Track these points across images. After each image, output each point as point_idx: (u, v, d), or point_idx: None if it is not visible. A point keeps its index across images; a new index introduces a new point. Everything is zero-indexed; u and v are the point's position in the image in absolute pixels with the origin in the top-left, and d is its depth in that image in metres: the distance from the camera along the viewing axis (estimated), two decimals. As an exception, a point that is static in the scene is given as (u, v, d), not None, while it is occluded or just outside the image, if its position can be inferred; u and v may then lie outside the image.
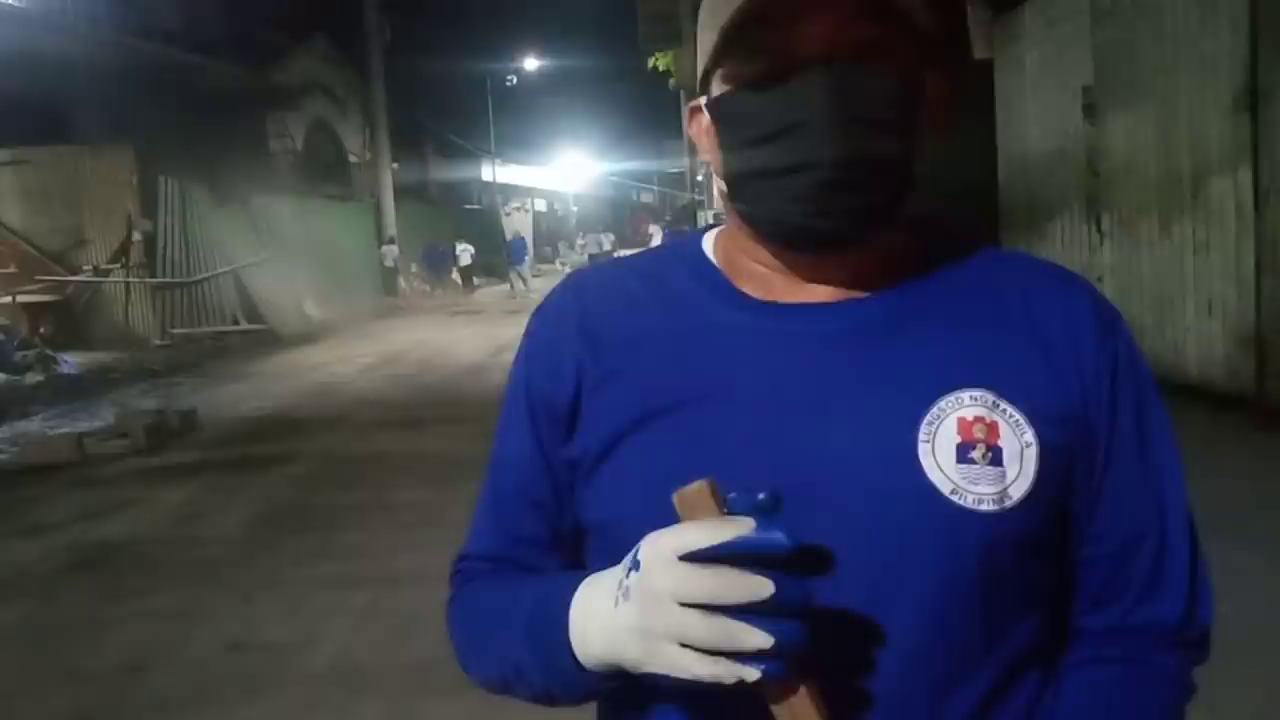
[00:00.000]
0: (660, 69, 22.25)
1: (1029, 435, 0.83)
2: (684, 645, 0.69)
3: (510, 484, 0.98)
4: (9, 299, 15.74)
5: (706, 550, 0.68)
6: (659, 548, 0.70)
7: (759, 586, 0.67)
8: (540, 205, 55.87)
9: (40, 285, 16.70)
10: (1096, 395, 0.87)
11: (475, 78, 43.67)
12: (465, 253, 30.33)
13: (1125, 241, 8.83)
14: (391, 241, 27.24)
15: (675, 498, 0.72)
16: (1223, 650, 3.55)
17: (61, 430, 9.89)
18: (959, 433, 0.82)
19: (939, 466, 0.81)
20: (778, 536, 0.67)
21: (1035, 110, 10.42)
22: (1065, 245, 9.92)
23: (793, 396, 0.84)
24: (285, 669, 4.12)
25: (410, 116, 33.22)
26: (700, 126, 0.92)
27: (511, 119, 47.56)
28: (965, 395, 0.83)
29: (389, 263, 27.00)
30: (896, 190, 0.85)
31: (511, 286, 28.57)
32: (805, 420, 0.83)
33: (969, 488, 0.81)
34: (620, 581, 0.74)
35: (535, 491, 0.95)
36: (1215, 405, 7.29)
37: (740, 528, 0.68)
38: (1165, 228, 8.19)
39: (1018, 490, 0.82)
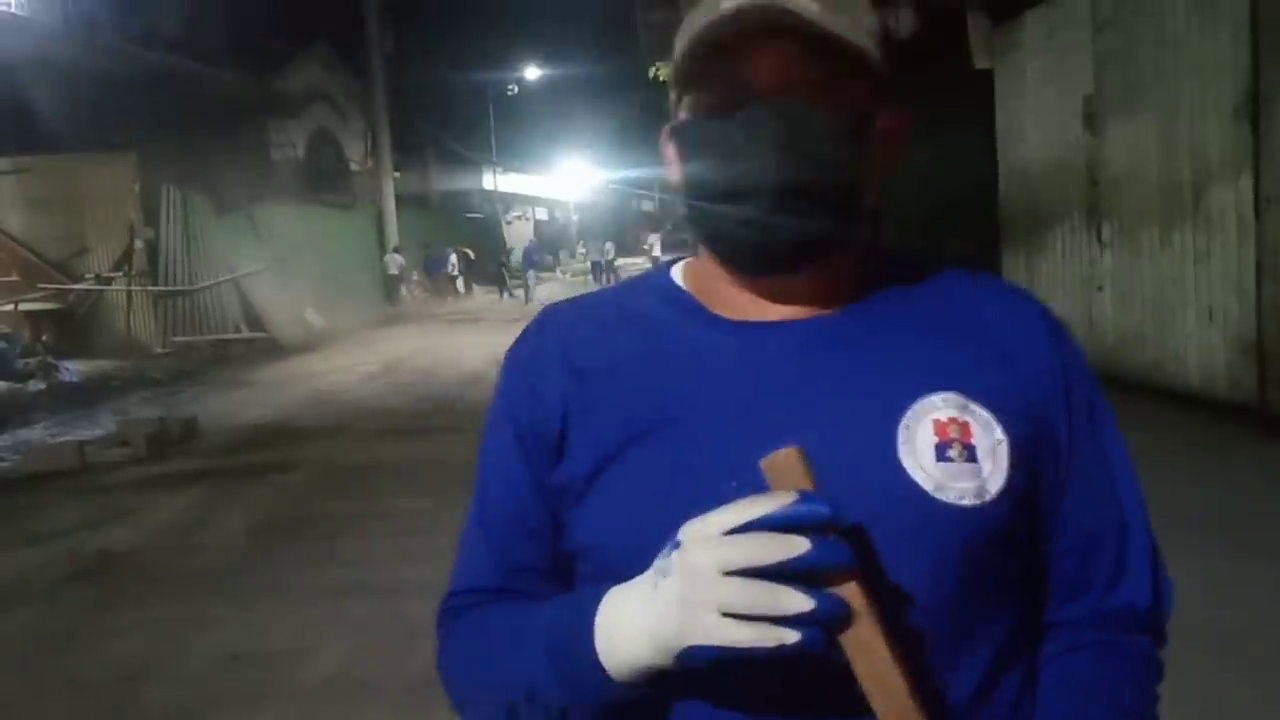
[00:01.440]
0: (661, 79, 22.21)
1: (998, 433, 0.88)
2: (725, 615, 0.71)
3: (504, 514, 0.98)
4: (11, 307, 15.75)
5: (746, 524, 0.71)
6: (699, 528, 0.74)
7: (795, 544, 0.70)
8: (541, 214, 55.93)
9: (42, 293, 16.71)
10: (1054, 397, 0.92)
11: (477, 86, 43.76)
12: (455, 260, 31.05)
13: (1126, 250, 8.83)
14: (396, 250, 27.35)
15: (763, 465, 0.75)
16: (1227, 654, 3.55)
17: (63, 438, 9.89)
18: (935, 433, 0.86)
19: (920, 466, 0.85)
20: (817, 506, 0.71)
21: (1036, 119, 10.43)
22: (1066, 254, 9.92)
23: (773, 410, 0.88)
24: (286, 679, 4.11)
25: (412, 125, 33.28)
26: (670, 150, 0.97)
27: (513, 127, 47.62)
28: (937, 398, 0.88)
29: (394, 270, 27.08)
30: (838, 220, 0.89)
31: (524, 295, 28.68)
32: (787, 432, 0.85)
33: (951, 484, 0.85)
34: (658, 567, 0.77)
35: (531, 520, 0.96)
36: (1217, 413, 7.29)
37: (780, 500, 0.71)
38: (1166, 236, 8.19)
39: (994, 485, 0.86)
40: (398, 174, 30.04)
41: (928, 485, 0.84)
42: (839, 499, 0.81)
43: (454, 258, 31.16)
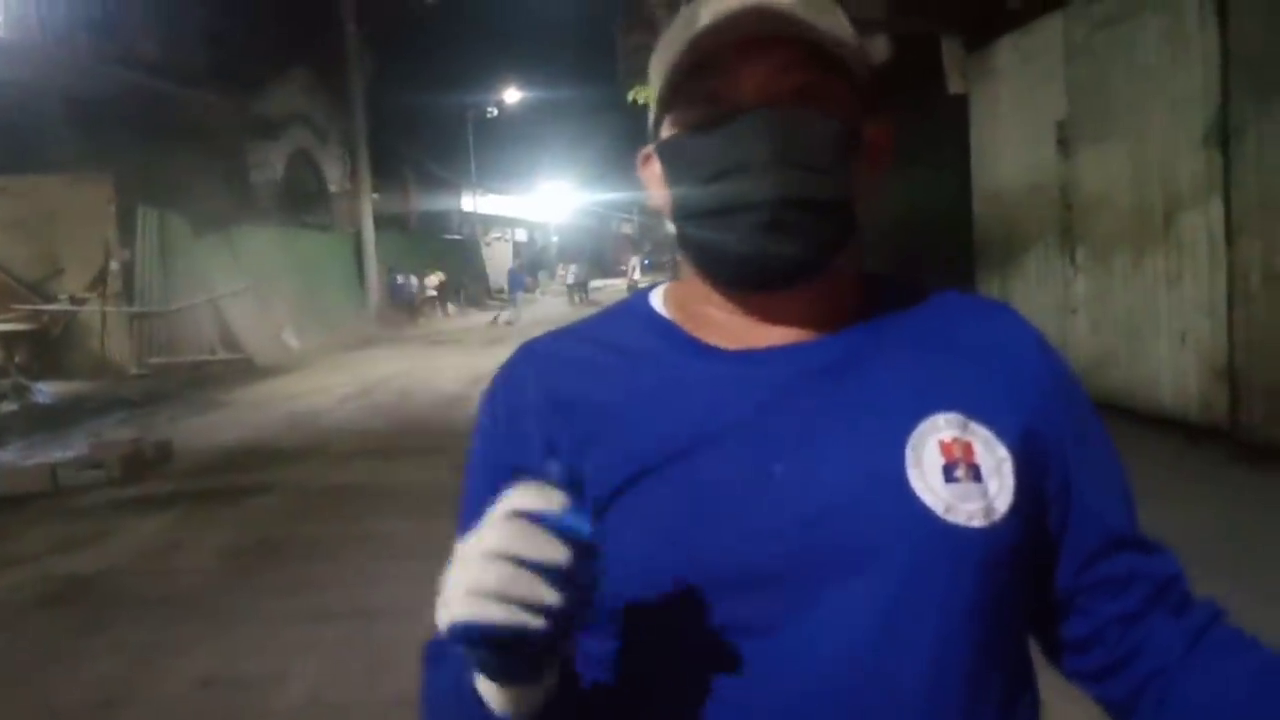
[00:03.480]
0: (640, 102, 22.32)
1: (1001, 450, 0.86)
2: (478, 594, 0.69)
3: None
4: (-16, 327, 15.62)
5: (534, 513, 0.70)
6: (494, 509, 0.71)
7: (556, 551, 0.69)
8: (521, 235, 55.97)
9: (15, 314, 16.56)
10: (1050, 410, 0.92)
11: (456, 109, 43.83)
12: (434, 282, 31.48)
13: (1099, 275, 8.92)
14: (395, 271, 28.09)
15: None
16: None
17: (35, 460, 9.80)
18: (941, 454, 0.84)
19: (930, 489, 0.83)
20: (584, 523, 0.70)
21: (1009, 145, 10.53)
22: (1039, 278, 10.00)
23: (777, 438, 0.85)
24: (258, 705, 4.08)
25: (391, 147, 33.26)
26: (651, 171, 0.96)
27: (493, 150, 47.67)
28: (939, 418, 0.86)
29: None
30: (836, 230, 0.89)
31: (510, 315, 28.85)
32: (793, 460, 0.84)
33: (960, 505, 0.83)
34: None
35: None
36: (1188, 437, 7.35)
37: (551, 501, 0.70)
38: (1138, 261, 8.28)
39: (1002, 503, 0.85)
40: (377, 195, 29.99)
41: (938, 507, 0.82)
42: (851, 523, 0.82)
43: (433, 279, 31.37)
